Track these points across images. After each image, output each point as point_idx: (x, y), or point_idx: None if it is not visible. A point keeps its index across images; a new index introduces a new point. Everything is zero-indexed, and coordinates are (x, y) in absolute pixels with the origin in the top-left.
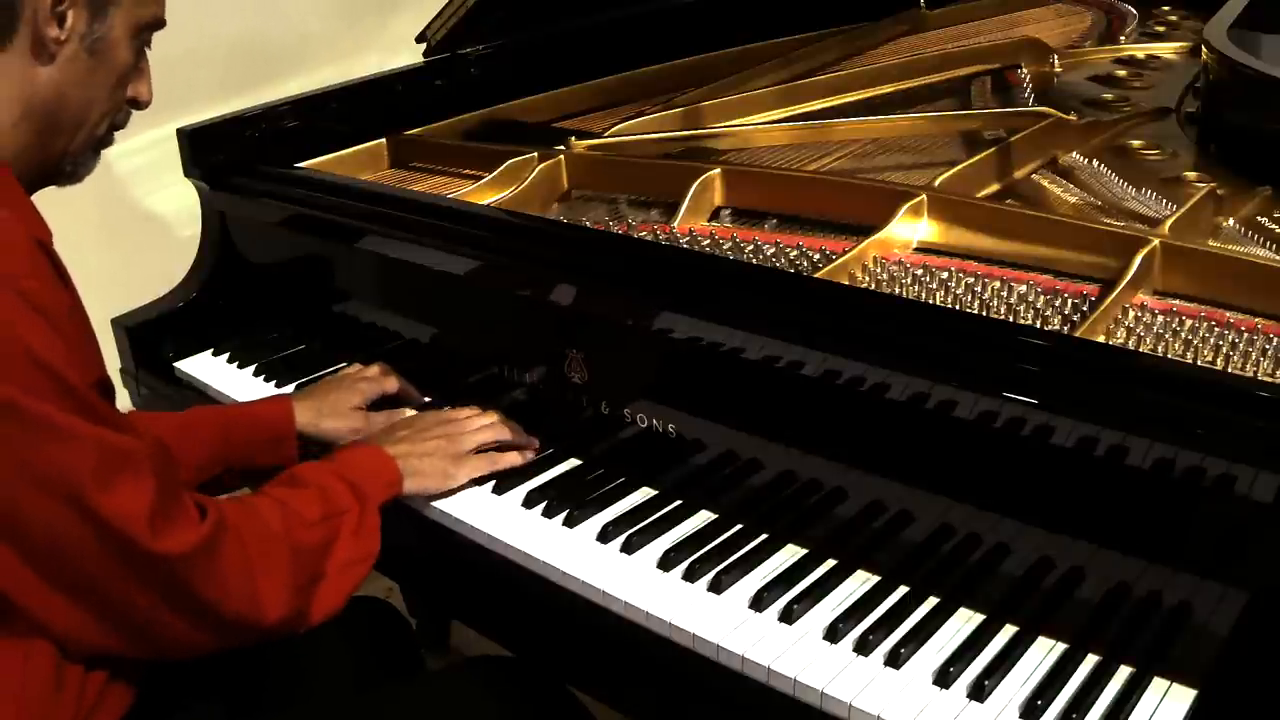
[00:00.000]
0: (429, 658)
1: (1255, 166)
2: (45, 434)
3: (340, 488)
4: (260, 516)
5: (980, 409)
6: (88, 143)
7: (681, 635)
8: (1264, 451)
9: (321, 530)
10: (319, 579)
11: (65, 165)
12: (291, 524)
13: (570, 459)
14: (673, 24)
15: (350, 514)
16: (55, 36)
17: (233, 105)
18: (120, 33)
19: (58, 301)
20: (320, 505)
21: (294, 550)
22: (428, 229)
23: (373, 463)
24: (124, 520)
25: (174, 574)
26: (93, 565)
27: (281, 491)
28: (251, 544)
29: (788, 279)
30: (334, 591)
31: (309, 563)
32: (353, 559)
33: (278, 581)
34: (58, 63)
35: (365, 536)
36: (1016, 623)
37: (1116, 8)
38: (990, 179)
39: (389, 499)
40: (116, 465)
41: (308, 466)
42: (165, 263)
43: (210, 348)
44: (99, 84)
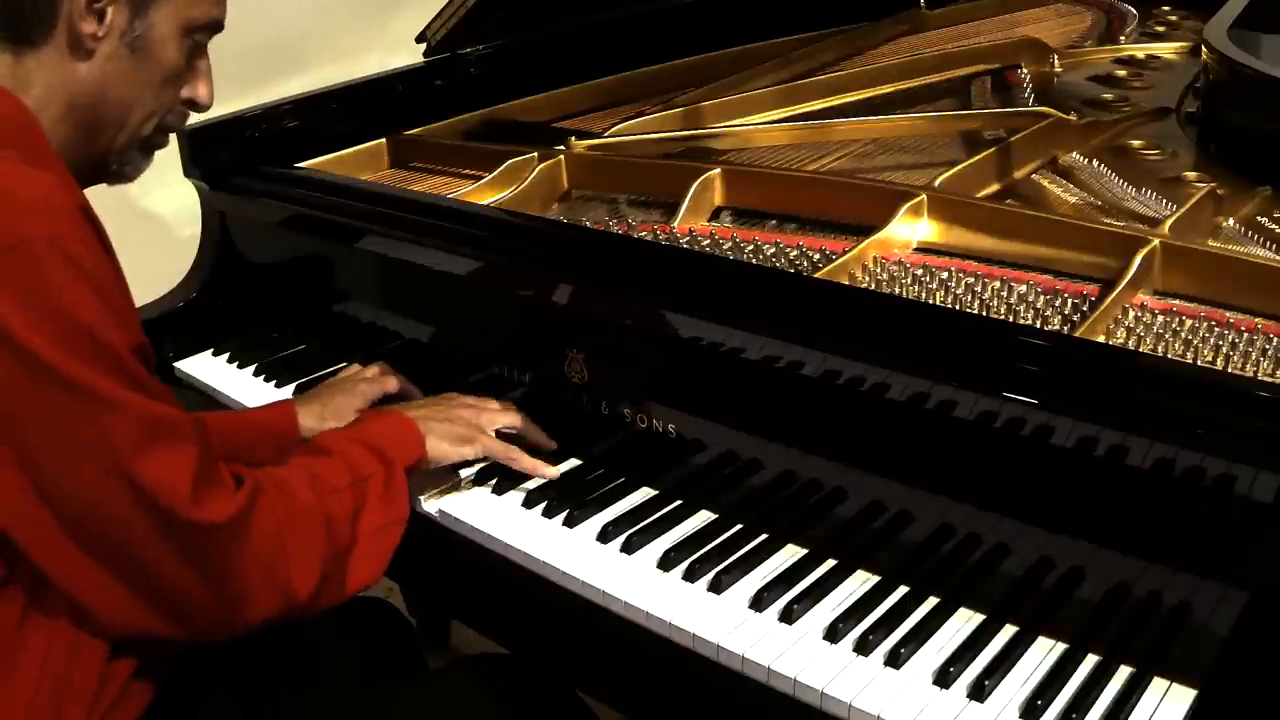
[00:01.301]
0: (429, 658)
1: (1255, 166)
2: (88, 400)
3: (364, 453)
4: (291, 487)
5: (980, 409)
6: (131, 142)
7: (681, 635)
8: (1264, 451)
9: (350, 496)
10: (351, 546)
11: (111, 163)
12: (322, 492)
13: (570, 459)
14: (673, 24)
15: (376, 478)
16: (93, 33)
17: (233, 105)
18: (165, 31)
19: (102, 265)
20: (347, 472)
21: (326, 520)
22: (428, 229)
23: (394, 427)
24: (165, 489)
25: (211, 543)
26: (132, 535)
27: (308, 460)
28: (285, 515)
29: (788, 279)
30: (368, 558)
31: (341, 530)
32: (384, 523)
33: (311, 553)
34: (97, 59)
35: (394, 499)
36: (1016, 623)
37: (1116, 8)
38: (990, 179)
39: (414, 462)
40: (158, 434)
41: (330, 434)
42: (165, 263)
43: (210, 348)
44: (141, 82)
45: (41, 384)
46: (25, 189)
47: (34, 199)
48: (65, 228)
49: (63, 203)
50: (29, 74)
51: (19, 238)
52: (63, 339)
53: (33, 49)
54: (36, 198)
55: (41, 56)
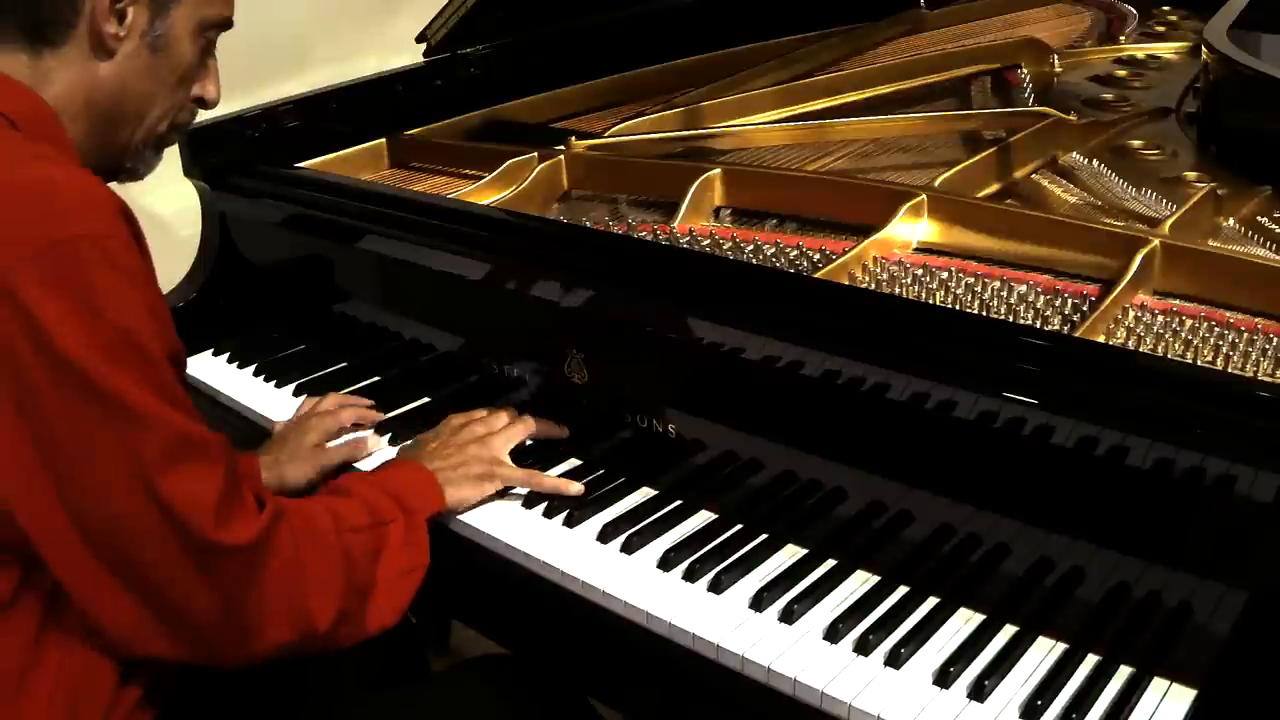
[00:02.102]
0: (429, 659)
1: (1255, 166)
2: (121, 411)
3: (385, 500)
4: (313, 517)
5: (980, 409)
6: (147, 139)
7: (682, 635)
8: (1264, 451)
9: (370, 537)
10: (371, 587)
11: (126, 161)
12: (341, 527)
13: (570, 459)
14: (673, 24)
15: (397, 524)
16: (115, 33)
17: (233, 105)
18: (182, 30)
19: (144, 268)
20: (367, 514)
21: (346, 553)
22: (428, 229)
23: (414, 478)
24: (189, 507)
25: (231, 566)
26: (153, 551)
27: (329, 499)
28: (305, 543)
29: (788, 279)
30: (389, 600)
31: (359, 568)
32: (404, 568)
33: (330, 584)
34: (118, 59)
35: (415, 547)
36: (1016, 623)
37: (1116, 8)
38: (990, 179)
39: (434, 513)
40: (187, 452)
41: (351, 478)
42: (165, 263)
43: (210, 348)
44: (159, 81)
45: (75, 389)
46: (68, 187)
47: (77, 197)
48: (109, 228)
49: (106, 202)
50: (48, 73)
51: (63, 236)
52: (102, 344)
53: (52, 49)
54: (80, 196)
55: (61, 56)
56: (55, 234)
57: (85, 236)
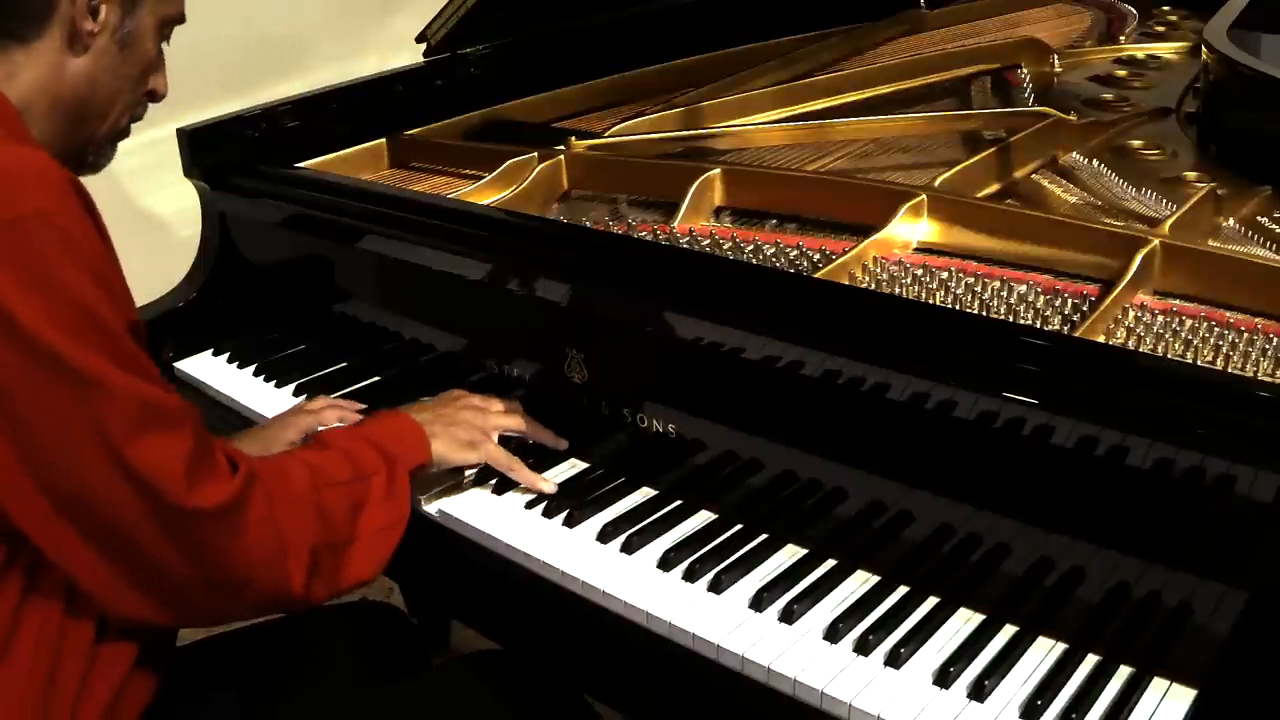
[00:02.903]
0: (429, 658)
1: (1255, 166)
2: (82, 382)
3: (368, 451)
4: (289, 476)
5: (980, 409)
6: (111, 134)
7: (682, 635)
8: (1264, 451)
9: (350, 491)
10: (350, 542)
11: (88, 155)
12: (320, 484)
13: (570, 459)
14: (673, 24)
15: (379, 476)
16: (90, 29)
17: (233, 105)
18: (147, 26)
19: (96, 241)
20: (348, 468)
21: (321, 511)
22: (428, 229)
23: (399, 428)
24: (158, 473)
25: (205, 528)
26: (125, 518)
27: (310, 454)
28: (280, 503)
29: (788, 279)
30: (366, 555)
31: (338, 524)
32: (385, 523)
33: (305, 543)
34: (90, 55)
35: (396, 499)
36: (1016, 623)
37: (1116, 8)
38: (990, 179)
39: (418, 465)
40: (152, 418)
41: (335, 432)
42: (165, 263)
43: (210, 348)
44: (125, 76)
45: (37, 362)
46: (17, 165)
47: (27, 175)
48: (59, 204)
49: (56, 178)
50: (16, 68)
51: (14, 214)
52: (59, 317)
53: (22, 44)
54: (30, 173)
55: (32, 52)
56: (6, 214)
57: (36, 213)
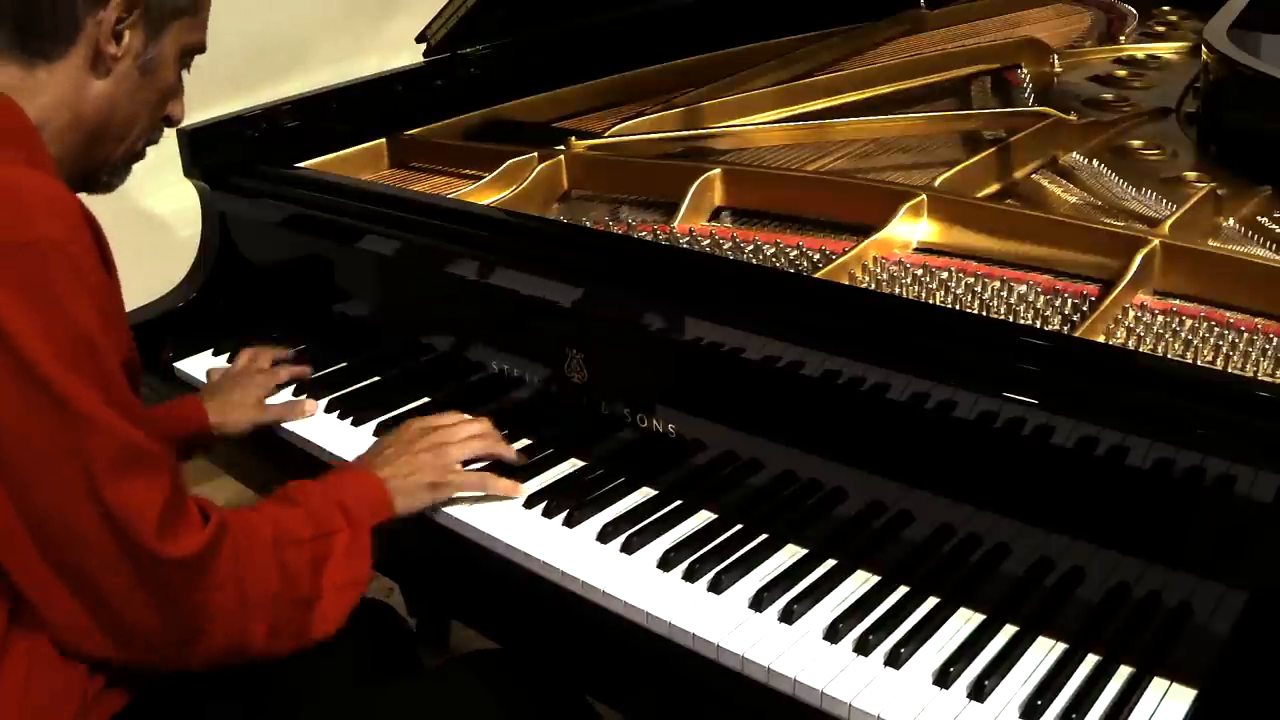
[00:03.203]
0: (429, 658)
1: (1255, 166)
2: (72, 414)
3: (331, 509)
4: (255, 531)
5: (980, 409)
6: (127, 156)
7: (681, 635)
8: (1264, 451)
9: (312, 549)
10: (312, 599)
11: (102, 175)
12: (283, 541)
13: (570, 459)
14: (673, 24)
15: (341, 535)
16: (113, 54)
17: (233, 105)
18: (169, 54)
19: (102, 276)
20: (311, 525)
21: (283, 567)
22: (428, 229)
23: (364, 486)
24: (133, 517)
25: (172, 578)
26: (96, 555)
27: (274, 509)
28: (246, 558)
29: (788, 279)
30: (329, 611)
31: (299, 581)
32: (346, 581)
33: (267, 598)
34: (111, 78)
35: (357, 558)
36: (1016, 623)
37: (1116, 8)
38: (990, 179)
39: (381, 522)
40: (134, 461)
41: (300, 486)
42: (165, 263)
43: (210, 348)
44: (144, 101)
45: (29, 387)
46: (34, 191)
47: (43, 202)
48: (71, 233)
49: (71, 209)
50: (39, 85)
51: (29, 238)
52: (58, 345)
53: (46, 62)
54: (45, 201)
55: (55, 71)
56: (18, 237)
57: (48, 240)
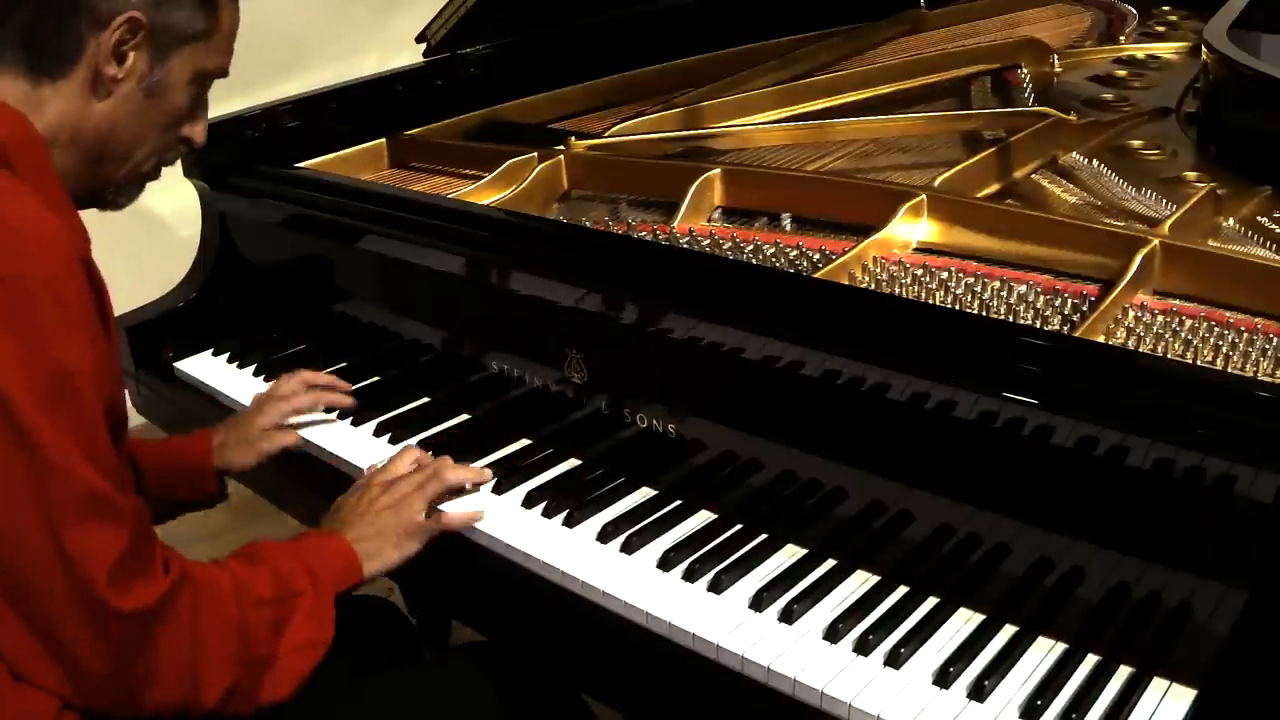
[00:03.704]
0: (428, 657)
1: (1255, 166)
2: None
3: (297, 571)
4: (218, 589)
5: (980, 409)
6: (131, 176)
7: (681, 635)
8: (1264, 451)
9: (272, 611)
10: (269, 661)
11: (108, 193)
12: (244, 601)
13: (570, 459)
14: (673, 24)
15: (305, 597)
16: (114, 75)
17: (232, 105)
18: (179, 77)
19: (90, 317)
20: (274, 586)
21: (241, 626)
22: (428, 229)
23: (330, 549)
24: (86, 563)
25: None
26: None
27: (238, 566)
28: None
29: (788, 279)
30: (284, 675)
31: (258, 642)
32: (305, 643)
33: (223, 659)
34: (113, 100)
35: (319, 622)
36: (1016, 623)
37: (1116, 8)
38: (990, 179)
39: (348, 587)
40: (95, 511)
41: (267, 546)
42: (165, 263)
43: (210, 348)
44: (150, 123)
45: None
46: (32, 225)
47: (34, 236)
48: (63, 271)
49: (66, 248)
50: (43, 103)
51: (15, 271)
52: (36, 384)
53: (50, 81)
54: (37, 235)
55: (59, 89)
56: (7, 269)
57: (34, 275)
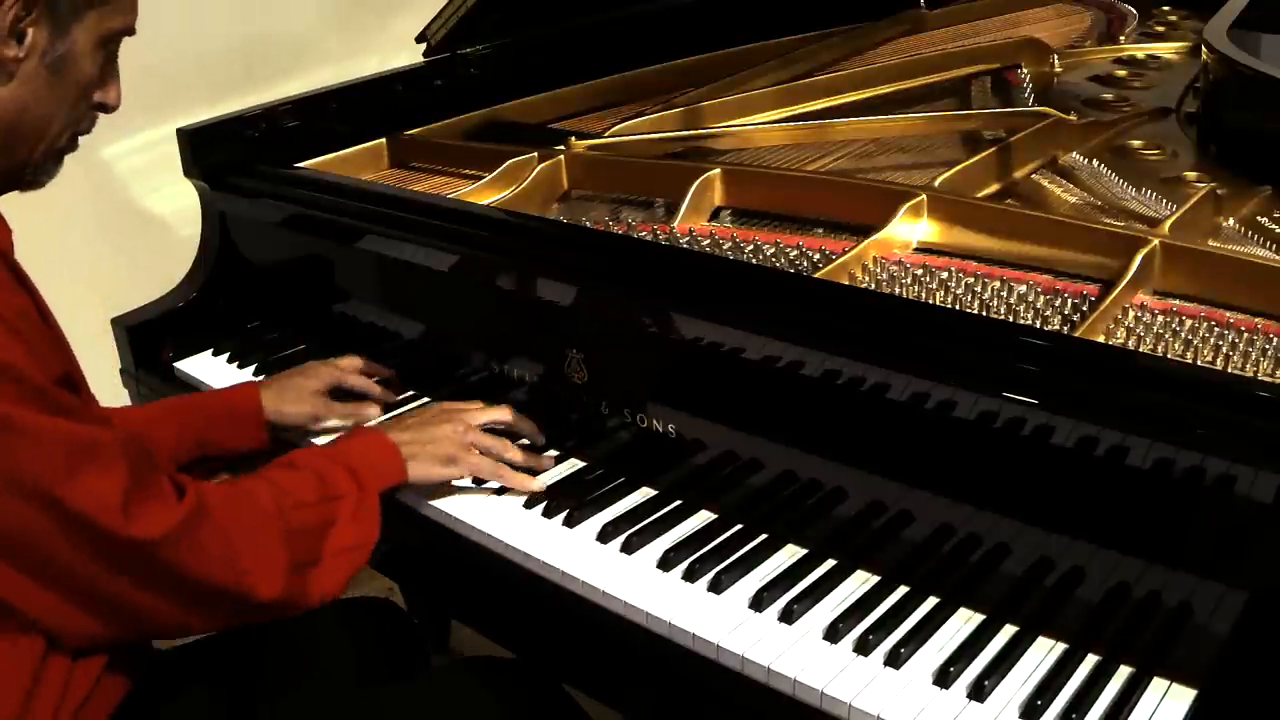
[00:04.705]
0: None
1: (1255, 166)
2: (8, 434)
3: (338, 472)
4: (250, 496)
5: (980, 409)
6: (48, 154)
7: (681, 635)
8: (1264, 451)
9: (317, 512)
10: (315, 561)
11: (26, 175)
12: (284, 504)
13: (570, 459)
14: (673, 24)
15: (348, 498)
16: (14, 55)
17: (232, 105)
18: (84, 46)
19: (18, 307)
20: (317, 488)
21: (286, 529)
22: (428, 229)
23: (374, 449)
24: (95, 509)
25: (153, 557)
26: (71, 557)
27: (277, 473)
28: (236, 523)
29: (788, 279)
30: (331, 575)
31: (304, 543)
32: (351, 544)
33: (268, 559)
34: (17, 80)
35: (364, 521)
36: (1016, 623)
37: (1116, 8)
38: (990, 179)
39: (391, 485)
40: (84, 456)
41: (306, 452)
42: (165, 263)
43: (210, 348)
44: (60, 99)
45: None
46: None
47: None
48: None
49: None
50: None
51: None
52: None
53: None
54: None
55: None
56: None
57: None
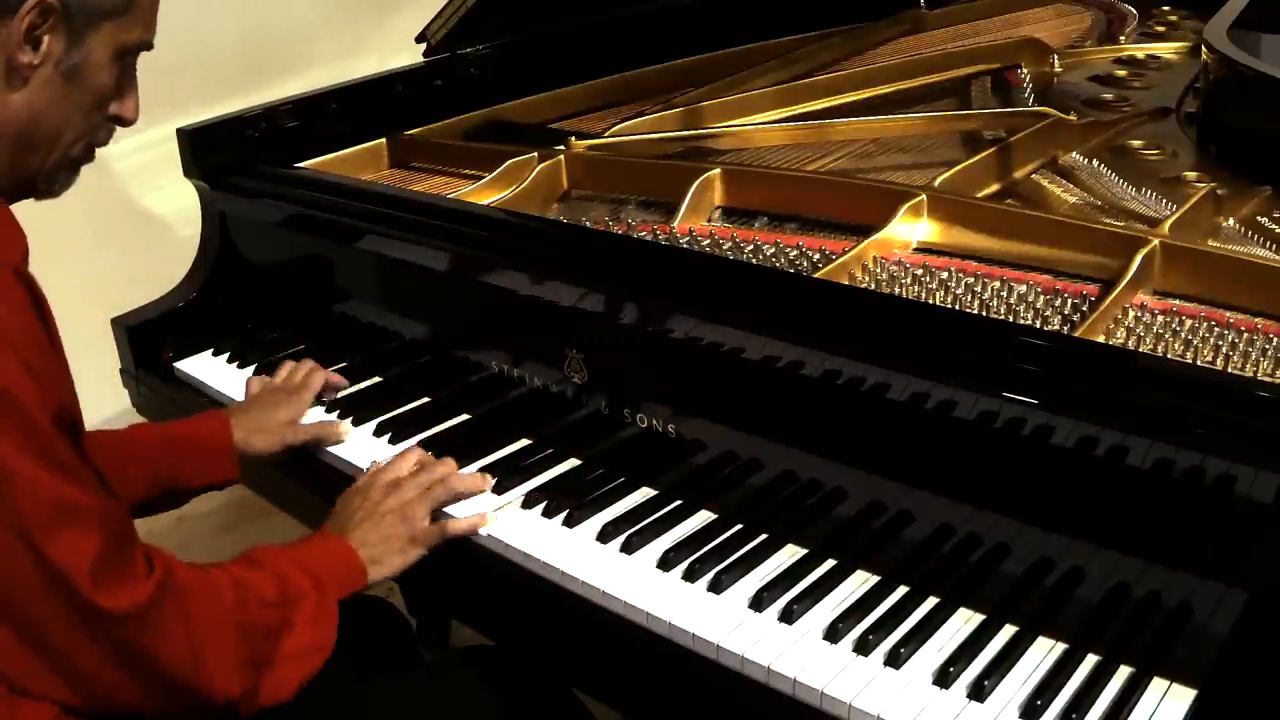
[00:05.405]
0: (429, 658)
1: (1255, 166)
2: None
3: (299, 576)
4: (214, 587)
5: (980, 409)
6: (62, 163)
7: (681, 635)
8: (1264, 451)
9: (275, 613)
10: (270, 663)
11: (39, 183)
12: (245, 600)
13: (570, 459)
14: (673, 24)
15: (308, 601)
16: (29, 62)
17: (232, 105)
18: (100, 57)
19: (28, 330)
20: (276, 589)
21: (242, 627)
22: (428, 229)
23: (335, 555)
24: (69, 569)
25: (116, 629)
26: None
27: (239, 570)
28: (198, 612)
29: (788, 279)
30: (284, 678)
31: (259, 643)
32: (307, 648)
33: (224, 654)
34: (31, 86)
35: (322, 626)
36: (1016, 623)
37: (1116, 8)
38: (990, 179)
39: (351, 592)
40: (65, 516)
41: (269, 551)
42: (165, 263)
43: (210, 348)
44: (74, 107)
45: None
46: None
47: None
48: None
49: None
50: None
51: None
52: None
53: None
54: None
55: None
56: None
57: None
